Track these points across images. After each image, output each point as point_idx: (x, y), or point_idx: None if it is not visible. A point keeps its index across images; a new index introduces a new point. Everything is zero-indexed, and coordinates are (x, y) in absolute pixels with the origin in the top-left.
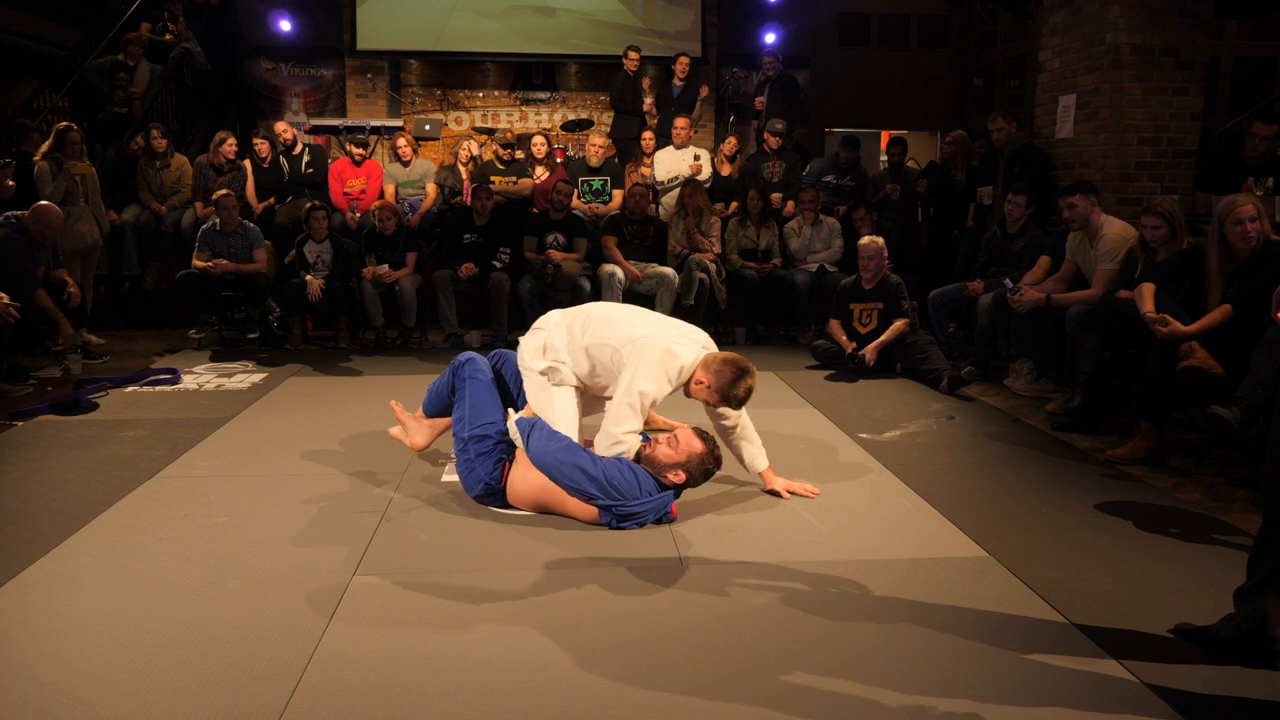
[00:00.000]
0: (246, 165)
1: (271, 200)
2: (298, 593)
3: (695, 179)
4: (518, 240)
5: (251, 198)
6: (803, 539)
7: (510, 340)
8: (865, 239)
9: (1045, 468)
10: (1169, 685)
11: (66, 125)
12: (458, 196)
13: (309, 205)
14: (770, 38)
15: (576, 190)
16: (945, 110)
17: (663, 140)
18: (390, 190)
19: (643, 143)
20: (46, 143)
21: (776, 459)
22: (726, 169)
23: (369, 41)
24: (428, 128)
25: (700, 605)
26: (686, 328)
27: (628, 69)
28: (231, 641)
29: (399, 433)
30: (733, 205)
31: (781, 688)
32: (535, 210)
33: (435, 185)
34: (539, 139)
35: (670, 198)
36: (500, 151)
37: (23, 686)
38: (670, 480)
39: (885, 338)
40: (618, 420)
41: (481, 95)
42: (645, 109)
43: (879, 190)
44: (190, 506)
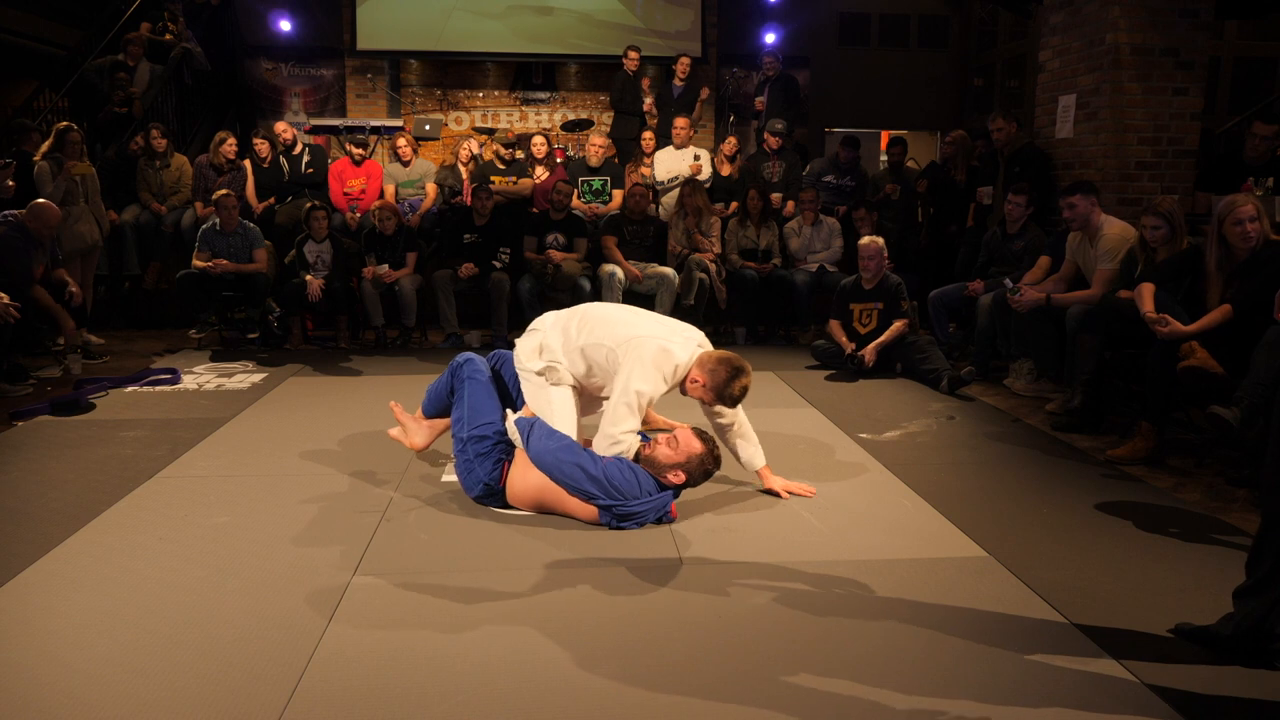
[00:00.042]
0: (246, 165)
1: (271, 200)
2: (297, 593)
3: (695, 179)
4: (518, 240)
5: (251, 198)
6: (802, 539)
7: (510, 341)
8: (865, 239)
9: (1045, 468)
10: (1169, 685)
11: (66, 125)
12: (458, 196)
13: (309, 205)
14: (770, 38)
15: (576, 190)
16: (945, 110)
17: (663, 140)
18: (390, 190)
19: (643, 143)
20: (46, 143)
21: (776, 459)
22: (726, 169)
23: (369, 41)
24: (428, 128)
25: (700, 605)
26: (681, 326)
27: (628, 69)
28: (231, 641)
29: (398, 434)
30: (733, 205)
31: (781, 688)
32: (535, 210)
33: (435, 185)
34: (539, 139)
35: (670, 198)
36: (500, 151)
37: (23, 686)
38: (670, 480)
39: (885, 338)
40: (615, 420)
41: (481, 95)
42: (645, 109)
43: (879, 190)
44: (190, 506)
